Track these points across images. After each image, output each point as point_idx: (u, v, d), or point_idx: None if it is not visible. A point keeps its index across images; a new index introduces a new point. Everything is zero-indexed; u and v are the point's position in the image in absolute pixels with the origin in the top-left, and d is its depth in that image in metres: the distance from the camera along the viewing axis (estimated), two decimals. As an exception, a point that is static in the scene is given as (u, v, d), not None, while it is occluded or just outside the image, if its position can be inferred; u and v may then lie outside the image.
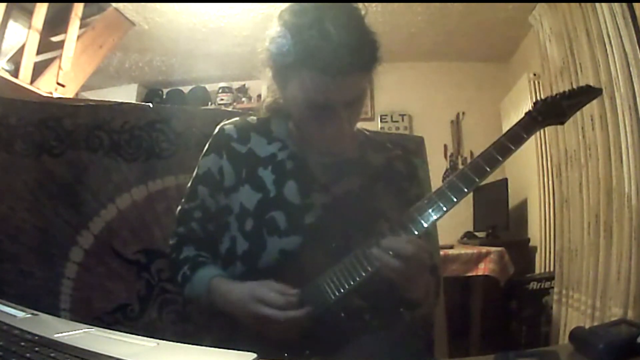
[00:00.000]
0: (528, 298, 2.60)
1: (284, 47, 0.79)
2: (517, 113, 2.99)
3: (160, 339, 0.54)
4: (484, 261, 2.45)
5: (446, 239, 2.81)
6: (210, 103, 3.95)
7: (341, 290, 0.78)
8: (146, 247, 1.21)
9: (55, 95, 2.39)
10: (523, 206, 3.18)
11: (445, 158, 3.66)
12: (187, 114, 1.32)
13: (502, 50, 3.47)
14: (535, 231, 2.91)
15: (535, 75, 2.88)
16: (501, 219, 3.00)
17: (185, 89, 4.02)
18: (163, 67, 3.75)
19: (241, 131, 0.94)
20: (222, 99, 3.92)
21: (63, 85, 2.46)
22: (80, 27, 2.58)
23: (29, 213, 1.14)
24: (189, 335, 1.17)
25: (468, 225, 3.30)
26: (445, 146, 3.68)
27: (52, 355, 0.47)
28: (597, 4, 2.01)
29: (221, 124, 0.97)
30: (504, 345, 2.56)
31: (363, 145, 0.98)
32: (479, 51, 3.51)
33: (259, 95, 3.84)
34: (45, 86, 2.36)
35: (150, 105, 1.31)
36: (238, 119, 0.97)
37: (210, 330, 0.95)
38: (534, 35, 2.81)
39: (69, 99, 2.36)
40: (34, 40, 2.31)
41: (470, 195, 0.81)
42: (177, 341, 0.54)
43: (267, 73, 0.87)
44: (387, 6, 2.85)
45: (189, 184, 0.97)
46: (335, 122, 0.82)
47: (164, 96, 4.00)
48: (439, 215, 0.78)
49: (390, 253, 0.74)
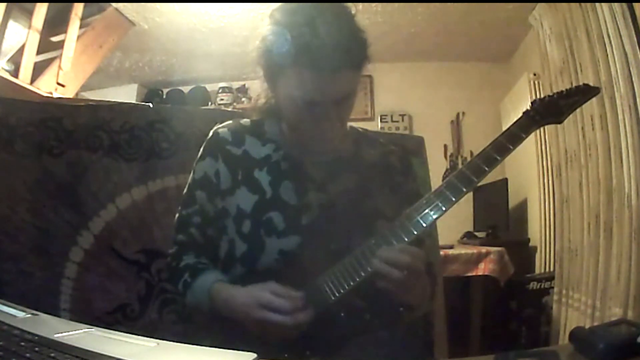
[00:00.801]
0: (528, 298, 2.59)
1: (274, 45, 0.79)
2: (517, 113, 2.95)
3: (160, 339, 0.54)
4: (484, 261, 2.45)
5: (446, 239, 2.81)
6: (210, 103, 3.94)
7: (341, 291, 0.78)
8: (146, 247, 1.22)
9: (55, 95, 2.39)
10: (523, 206, 3.18)
11: (445, 158, 3.66)
12: (187, 114, 1.32)
13: (502, 50, 3.47)
14: (535, 231, 2.91)
15: (535, 75, 2.88)
16: (501, 219, 2.99)
17: (185, 89, 4.01)
18: (163, 67, 3.74)
19: (235, 134, 0.94)
20: (222, 99, 3.92)
21: (63, 85, 2.46)
22: (80, 27, 2.58)
23: (29, 213, 1.14)
24: (189, 335, 1.17)
25: (468, 225, 3.30)
26: (445, 146, 3.68)
27: (52, 355, 0.47)
28: (597, 4, 2.01)
29: (214, 128, 0.97)
30: (504, 345, 2.56)
31: (357, 142, 0.98)
32: (479, 51, 3.51)
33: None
34: (45, 86, 2.36)
35: (150, 105, 1.31)
36: (231, 122, 0.97)
37: (210, 330, 0.95)
38: (534, 35, 2.81)
39: (69, 99, 2.36)
40: (34, 40, 2.31)
41: (470, 195, 0.82)
42: (177, 341, 0.54)
43: (259, 72, 0.87)
44: (387, 6, 2.85)
45: (185, 190, 0.96)
46: (326, 120, 0.82)
47: (164, 96, 3.99)
48: (437, 215, 0.78)
49: (385, 264, 0.74)
